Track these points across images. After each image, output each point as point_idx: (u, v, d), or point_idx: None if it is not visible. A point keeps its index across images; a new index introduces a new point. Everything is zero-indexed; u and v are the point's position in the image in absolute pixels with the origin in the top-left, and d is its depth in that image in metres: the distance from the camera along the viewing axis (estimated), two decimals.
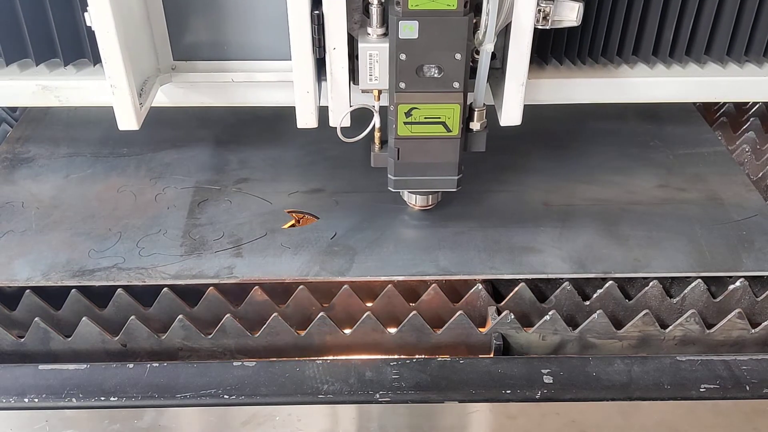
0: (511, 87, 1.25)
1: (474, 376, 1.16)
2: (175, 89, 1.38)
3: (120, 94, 1.22)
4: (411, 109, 1.20)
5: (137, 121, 1.25)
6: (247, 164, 1.57)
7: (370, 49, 1.18)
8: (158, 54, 1.32)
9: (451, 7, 1.11)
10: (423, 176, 1.30)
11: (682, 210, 1.45)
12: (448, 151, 1.26)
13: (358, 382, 1.15)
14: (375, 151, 1.31)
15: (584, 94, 1.39)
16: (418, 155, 1.26)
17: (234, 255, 1.33)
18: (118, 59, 1.18)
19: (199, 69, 1.34)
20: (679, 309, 1.32)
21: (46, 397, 1.13)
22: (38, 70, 1.37)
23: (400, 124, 1.22)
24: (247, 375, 1.16)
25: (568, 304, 1.32)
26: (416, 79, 1.18)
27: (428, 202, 1.40)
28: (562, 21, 1.19)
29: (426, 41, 1.14)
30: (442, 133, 1.23)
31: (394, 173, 1.30)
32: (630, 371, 1.17)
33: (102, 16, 1.14)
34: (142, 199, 1.47)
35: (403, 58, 1.16)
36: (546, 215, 1.43)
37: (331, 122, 1.27)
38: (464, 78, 1.18)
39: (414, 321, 1.26)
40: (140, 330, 1.25)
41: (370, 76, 1.20)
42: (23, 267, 1.30)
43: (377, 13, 1.15)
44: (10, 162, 1.58)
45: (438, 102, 1.20)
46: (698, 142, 1.65)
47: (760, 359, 1.18)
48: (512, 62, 1.23)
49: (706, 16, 1.36)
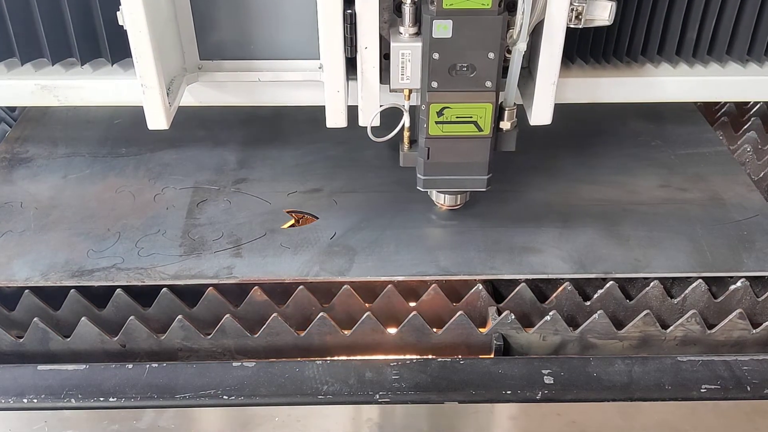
0: (542, 86, 1.25)
1: (474, 377, 1.15)
2: (201, 89, 1.38)
3: (150, 94, 1.21)
4: (443, 109, 1.20)
5: (167, 121, 1.25)
6: (246, 164, 1.57)
7: (402, 48, 1.17)
8: (185, 53, 1.31)
9: (485, 6, 1.11)
10: (452, 176, 1.30)
11: (683, 210, 1.44)
12: (478, 150, 1.26)
13: (358, 383, 1.14)
14: (404, 151, 1.30)
15: (610, 93, 1.39)
16: (449, 155, 1.26)
17: (233, 255, 1.33)
18: (149, 59, 1.18)
19: (225, 68, 1.33)
20: (680, 309, 1.32)
21: (45, 397, 1.12)
22: (39, 70, 1.37)
23: (431, 124, 1.22)
24: (247, 375, 1.15)
25: (569, 304, 1.32)
26: (449, 78, 1.17)
27: (456, 202, 1.40)
28: (594, 20, 1.19)
29: (459, 40, 1.14)
30: (473, 133, 1.23)
31: (423, 173, 1.29)
32: (631, 372, 1.17)
33: (134, 16, 1.14)
34: (140, 199, 1.47)
35: (436, 57, 1.16)
36: (546, 215, 1.43)
37: (360, 122, 1.26)
38: (497, 77, 1.18)
39: (414, 321, 1.26)
40: (139, 330, 1.25)
41: (402, 75, 1.19)
42: (22, 267, 1.30)
43: (410, 13, 1.15)
44: (9, 162, 1.58)
45: (470, 101, 1.20)
46: (699, 142, 1.65)
47: (761, 360, 1.18)
48: (543, 61, 1.22)
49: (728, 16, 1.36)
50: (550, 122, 1.29)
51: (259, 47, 1.31)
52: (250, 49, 1.31)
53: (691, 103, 1.76)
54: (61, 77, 1.36)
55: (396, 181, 1.52)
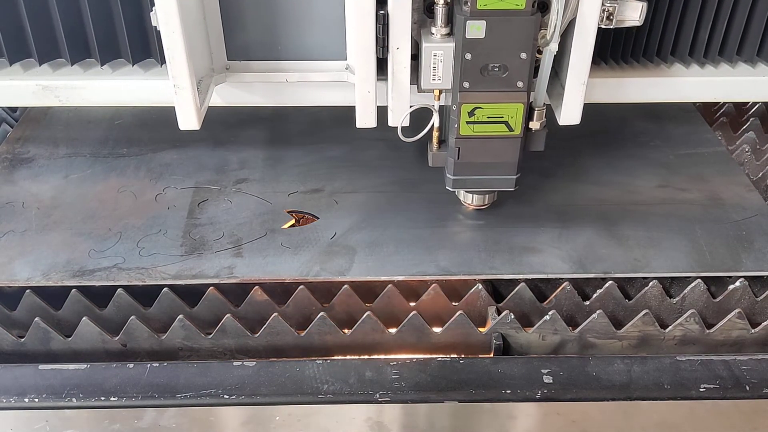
0: (572, 86, 1.25)
1: (474, 376, 1.16)
2: (228, 89, 1.38)
3: (183, 95, 1.22)
4: (474, 109, 1.20)
5: (198, 122, 1.26)
6: (246, 164, 1.57)
7: (434, 48, 1.17)
8: (212, 54, 1.32)
9: (519, 6, 1.11)
10: (481, 176, 1.30)
11: (682, 210, 1.45)
12: (508, 150, 1.26)
13: (358, 382, 1.15)
14: (433, 151, 1.30)
15: (637, 93, 1.39)
16: (479, 155, 1.26)
17: (234, 255, 1.33)
18: (182, 60, 1.19)
19: (253, 69, 1.34)
20: (679, 309, 1.32)
21: (46, 397, 1.13)
22: (40, 70, 1.37)
23: (462, 124, 1.22)
24: (247, 375, 1.16)
25: (568, 304, 1.32)
26: (480, 78, 1.18)
27: (484, 201, 1.40)
28: (625, 21, 1.20)
29: (492, 41, 1.14)
30: (504, 133, 1.23)
31: (453, 172, 1.30)
32: (630, 371, 1.17)
33: (169, 17, 1.15)
34: (142, 199, 1.47)
35: (469, 57, 1.16)
36: (546, 215, 1.43)
37: (390, 122, 1.27)
38: (528, 77, 1.18)
39: (414, 321, 1.26)
40: (140, 330, 1.25)
41: (434, 75, 1.19)
42: (23, 267, 1.30)
43: (442, 13, 1.15)
44: (10, 162, 1.58)
45: (502, 101, 1.20)
46: (698, 142, 1.65)
47: (760, 359, 1.18)
48: (574, 61, 1.22)
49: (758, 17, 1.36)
50: (578, 122, 1.29)
51: (286, 48, 1.32)
52: (278, 50, 1.32)
53: (690, 103, 1.76)
54: (62, 78, 1.36)
55: (396, 181, 1.52)
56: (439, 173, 1.53)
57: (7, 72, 1.37)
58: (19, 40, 1.35)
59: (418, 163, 1.57)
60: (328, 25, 1.29)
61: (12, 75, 1.37)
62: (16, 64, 1.38)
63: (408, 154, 1.59)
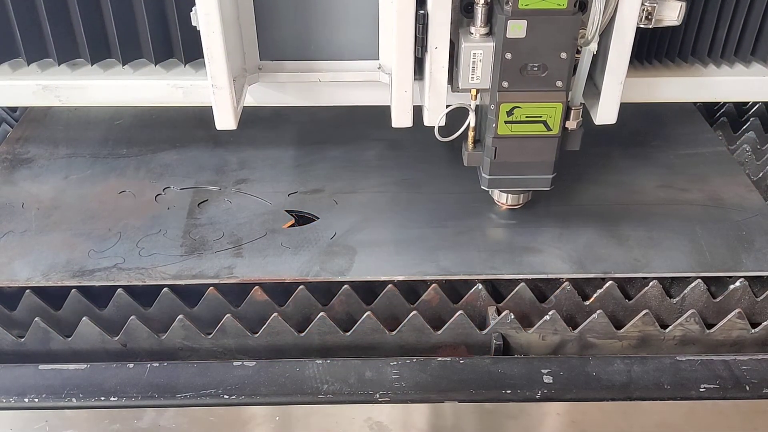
0: (610, 85, 1.25)
1: (474, 376, 1.16)
2: (261, 89, 1.38)
3: (221, 95, 1.23)
4: (513, 108, 1.20)
5: (235, 121, 1.27)
6: (246, 165, 1.57)
7: (474, 48, 1.17)
8: (245, 54, 1.32)
9: (561, 6, 1.11)
10: (517, 175, 1.30)
11: (683, 210, 1.45)
12: (546, 149, 1.26)
13: (358, 382, 1.15)
14: (468, 150, 1.30)
15: (671, 92, 1.39)
16: (516, 154, 1.26)
17: (234, 255, 1.33)
18: (221, 60, 1.19)
19: (285, 69, 1.34)
20: (679, 309, 1.32)
21: (46, 397, 1.13)
22: (40, 71, 1.37)
23: (500, 123, 1.22)
24: (247, 375, 1.16)
25: (568, 304, 1.32)
26: (520, 77, 1.18)
27: (519, 201, 1.40)
28: (663, 20, 1.20)
29: (533, 40, 1.14)
30: (542, 132, 1.23)
31: (489, 172, 1.29)
32: (630, 371, 1.17)
33: (210, 17, 1.15)
34: (141, 199, 1.47)
35: (509, 57, 1.16)
36: (546, 215, 1.43)
37: (426, 121, 1.27)
38: (568, 77, 1.18)
39: (414, 321, 1.26)
40: (140, 330, 1.25)
41: (472, 75, 1.19)
42: (23, 267, 1.30)
43: (482, 13, 1.15)
44: (10, 162, 1.58)
45: (541, 101, 1.20)
46: (699, 142, 1.65)
47: (760, 359, 1.18)
48: (612, 61, 1.22)
49: None
50: (614, 122, 1.29)
51: (318, 48, 1.32)
52: (310, 50, 1.32)
53: (690, 103, 1.76)
54: (62, 77, 1.36)
55: (396, 181, 1.52)
56: (438, 173, 1.54)
57: (7, 72, 1.37)
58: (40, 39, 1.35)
59: (418, 163, 1.57)
60: (361, 25, 1.29)
61: (13, 75, 1.37)
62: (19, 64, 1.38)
63: (408, 155, 1.59)
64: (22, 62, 1.38)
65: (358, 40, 1.31)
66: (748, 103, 1.77)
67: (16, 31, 1.34)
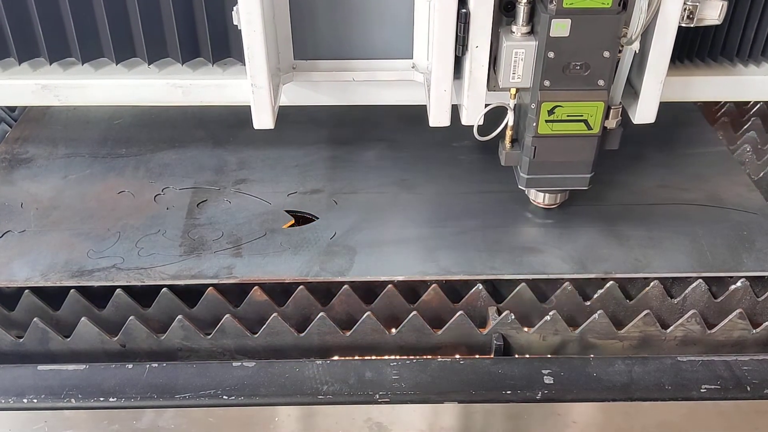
0: (650, 84, 1.25)
1: (474, 377, 1.15)
2: (295, 89, 1.38)
3: (260, 94, 1.23)
4: (554, 107, 1.20)
5: (273, 121, 1.27)
6: (246, 165, 1.57)
7: (515, 47, 1.17)
8: (280, 54, 1.32)
9: (605, 5, 1.11)
10: (555, 174, 1.30)
11: (683, 210, 1.44)
12: (585, 148, 1.26)
13: (358, 383, 1.14)
14: (506, 150, 1.30)
15: (707, 91, 1.40)
16: (555, 153, 1.26)
17: (233, 255, 1.33)
18: (261, 59, 1.19)
19: (320, 68, 1.34)
20: (680, 309, 1.32)
21: (45, 397, 1.12)
22: (41, 69, 1.37)
23: (541, 122, 1.21)
24: (247, 375, 1.15)
25: (569, 304, 1.32)
26: (562, 76, 1.17)
27: (556, 200, 1.40)
28: (704, 19, 1.19)
29: (576, 39, 1.14)
30: (582, 131, 1.23)
31: (527, 171, 1.29)
32: (631, 372, 1.17)
33: (251, 16, 1.15)
34: (141, 199, 1.47)
35: (552, 56, 1.16)
36: (546, 215, 1.43)
37: (464, 120, 1.27)
38: (610, 76, 1.18)
39: (414, 321, 1.26)
40: (139, 330, 1.25)
41: (513, 74, 1.19)
42: (22, 267, 1.30)
43: (524, 12, 1.15)
44: (9, 162, 1.58)
45: (582, 100, 1.20)
46: (699, 142, 1.65)
47: (761, 359, 1.18)
48: (653, 60, 1.22)
49: None
50: (653, 121, 1.29)
51: (352, 47, 1.32)
52: (344, 49, 1.32)
53: (690, 102, 1.76)
54: (61, 77, 1.36)
55: (395, 182, 1.52)
56: (437, 173, 1.54)
57: (7, 71, 1.37)
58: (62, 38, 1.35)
59: (417, 163, 1.57)
60: (395, 24, 1.29)
61: (12, 74, 1.36)
62: (24, 63, 1.38)
63: (407, 155, 1.59)
64: (14, 62, 1.38)
65: (393, 38, 1.31)
66: (749, 102, 1.77)
67: (7, 30, 1.34)
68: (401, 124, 1.66)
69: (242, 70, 1.31)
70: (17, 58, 1.36)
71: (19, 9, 1.31)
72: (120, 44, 1.35)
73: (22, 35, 1.34)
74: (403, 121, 1.67)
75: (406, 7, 1.26)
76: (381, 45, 1.31)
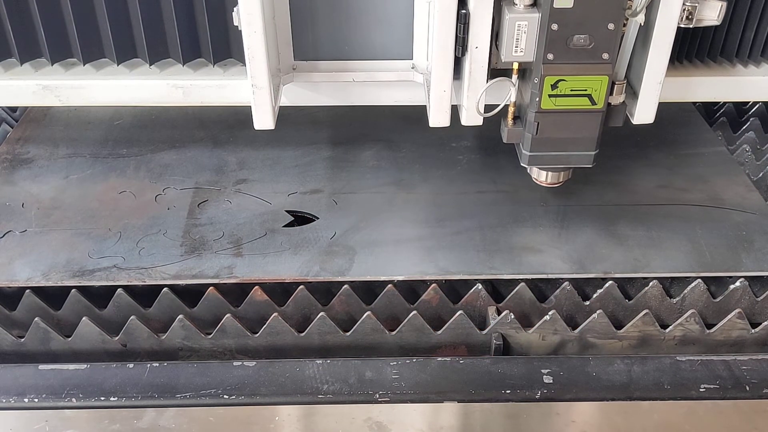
0: (649, 85, 1.24)
1: (474, 376, 1.16)
2: (295, 89, 1.38)
3: (260, 95, 1.23)
4: (558, 81, 1.17)
5: (273, 121, 1.27)
6: (246, 165, 1.57)
7: (518, 19, 1.14)
8: (280, 54, 1.32)
9: None
10: (559, 152, 1.27)
11: (682, 210, 1.45)
12: (589, 124, 1.23)
13: (358, 382, 1.15)
14: (508, 126, 1.26)
15: (706, 92, 1.39)
16: (558, 130, 1.23)
17: (234, 255, 1.33)
18: (262, 60, 1.19)
19: (320, 69, 1.34)
20: (679, 309, 1.32)
21: (45, 397, 1.13)
22: (41, 70, 1.37)
23: (544, 97, 1.18)
24: (247, 375, 1.16)
25: (568, 304, 1.32)
26: (565, 50, 1.15)
27: (559, 179, 1.37)
28: (703, 20, 1.18)
29: (580, 11, 1.11)
30: (586, 107, 1.20)
31: (530, 148, 1.26)
32: (630, 371, 1.17)
33: (252, 17, 1.15)
34: (141, 199, 1.47)
35: (555, 28, 1.13)
36: (545, 215, 1.43)
37: (463, 121, 1.26)
38: (614, 49, 1.16)
39: (414, 321, 1.26)
40: (140, 330, 1.25)
41: (516, 48, 1.17)
42: (23, 267, 1.30)
43: None
44: (10, 163, 1.58)
45: (586, 74, 1.17)
46: (698, 142, 1.65)
47: (760, 359, 1.18)
48: (652, 61, 1.21)
49: None
50: (652, 121, 1.28)
51: (352, 47, 1.32)
52: (344, 50, 1.32)
53: (689, 102, 1.76)
54: (62, 77, 1.36)
55: (395, 181, 1.52)
56: (437, 173, 1.54)
57: (7, 71, 1.37)
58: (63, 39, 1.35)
59: (417, 163, 1.57)
60: (395, 25, 1.29)
61: (12, 75, 1.37)
62: (26, 64, 1.38)
63: (407, 155, 1.59)
64: (15, 62, 1.38)
65: (392, 39, 1.31)
66: (748, 103, 1.77)
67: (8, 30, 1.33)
68: (400, 124, 1.67)
69: (243, 71, 1.32)
70: (18, 58, 1.36)
71: (21, 9, 1.31)
72: (121, 45, 1.35)
73: (23, 36, 1.34)
74: (402, 121, 1.67)
75: (406, 8, 1.26)
76: (381, 46, 1.32)
